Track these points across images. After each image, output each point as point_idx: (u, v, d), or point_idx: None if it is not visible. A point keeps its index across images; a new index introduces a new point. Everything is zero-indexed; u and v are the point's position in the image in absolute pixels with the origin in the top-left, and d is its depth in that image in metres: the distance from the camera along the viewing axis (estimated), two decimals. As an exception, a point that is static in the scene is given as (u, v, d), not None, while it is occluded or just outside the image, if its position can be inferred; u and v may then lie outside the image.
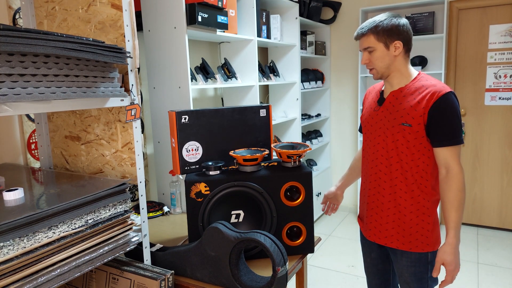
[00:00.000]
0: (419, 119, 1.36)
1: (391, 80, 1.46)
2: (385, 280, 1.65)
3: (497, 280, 2.70)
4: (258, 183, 1.41)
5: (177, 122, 1.47)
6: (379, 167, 1.48)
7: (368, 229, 1.56)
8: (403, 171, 1.42)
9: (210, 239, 1.29)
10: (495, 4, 3.32)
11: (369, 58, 1.43)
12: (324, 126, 4.17)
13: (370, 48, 1.41)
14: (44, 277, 1.00)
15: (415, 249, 1.44)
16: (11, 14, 1.58)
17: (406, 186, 1.43)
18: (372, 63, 1.43)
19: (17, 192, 1.09)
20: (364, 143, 1.58)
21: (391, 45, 1.39)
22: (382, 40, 1.39)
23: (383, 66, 1.42)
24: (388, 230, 1.48)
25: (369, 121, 1.52)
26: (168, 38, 2.05)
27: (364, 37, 1.42)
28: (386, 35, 1.38)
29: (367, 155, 1.54)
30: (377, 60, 1.42)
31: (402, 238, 1.46)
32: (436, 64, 3.57)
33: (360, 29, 1.43)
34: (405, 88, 1.42)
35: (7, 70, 0.91)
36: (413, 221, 1.44)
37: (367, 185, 1.55)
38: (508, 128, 3.45)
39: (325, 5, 3.89)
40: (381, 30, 1.38)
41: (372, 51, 1.41)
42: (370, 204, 1.54)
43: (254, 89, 2.69)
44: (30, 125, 1.65)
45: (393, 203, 1.46)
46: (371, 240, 1.57)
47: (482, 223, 3.67)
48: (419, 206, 1.43)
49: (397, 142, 1.41)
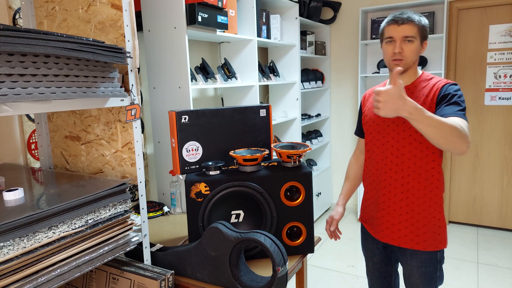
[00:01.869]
0: (429, 110, 1.35)
1: (401, 78, 1.45)
2: (387, 283, 1.64)
3: (497, 280, 2.70)
4: (258, 183, 1.41)
5: (177, 122, 1.47)
6: (389, 166, 1.46)
7: (380, 230, 1.52)
8: (417, 167, 1.41)
9: (210, 239, 1.29)
10: (495, 4, 3.32)
11: (404, 48, 1.38)
12: (324, 126, 4.17)
13: (411, 38, 1.36)
14: (44, 277, 1.00)
15: (429, 248, 1.43)
16: (11, 14, 1.58)
17: (419, 183, 1.41)
18: (405, 54, 1.38)
19: (17, 192, 1.09)
20: (368, 144, 1.54)
21: (423, 43, 1.41)
22: (421, 35, 1.39)
23: (413, 60, 1.40)
24: (401, 230, 1.46)
25: (375, 121, 1.50)
26: (168, 38, 2.05)
27: (410, 25, 1.36)
28: (425, 31, 1.40)
29: (374, 156, 1.51)
30: (412, 53, 1.38)
31: (416, 237, 1.44)
32: (436, 64, 3.57)
33: (405, 14, 1.37)
34: (412, 85, 1.43)
35: (7, 70, 0.91)
36: (426, 219, 1.43)
37: (374, 187, 1.53)
38: (508, 128, 3.44)
39: (325, 5, 3.89)
40: (423, 25, 1.39)
41: (411, 41, 1.37)
42: (380, 205, 1.51)
43: (254, 89, 2.69)
44: (30, 125, 1.65)
45: (406, 202, 1.44)
46: (383, 242, 1.54)
47: (482, 223, 3.67)
48: (431, 203, 1.42)
49: (409, 137, 1.40)
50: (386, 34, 1.41)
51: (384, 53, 1.44)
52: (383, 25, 1.44)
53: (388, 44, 1.41)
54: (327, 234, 1.73)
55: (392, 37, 1.38)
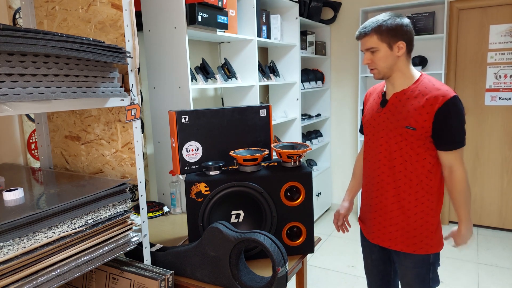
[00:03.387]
0: (423, 123, 1.34)
1: (393, 81, 1.43)
2: (386, 282, 1.65)
3: (497, 280, 2.70)
4: (258, 183, 1.41)
5: (177, 122, 1.47)
6: (381, 169, 1.47)
7: (372, 231, 1.54)
8: (408, 172, 1.41)
9: (210, 239, 1.29)
10: (495, 4, 3.32)
11: (372, 58, 1.40)
12: (324, 126, 4.16)
13: (373, 48, 1.38)
14: (44, 277, 1.00)
15: (419, 251, 1.43)
16: (11, 14, 1.58)
17: (410, 187, 1.41)
18: (374, 64, 1.40)
19: (17, 192, 1.09)
20: (366, 145, 1.56)
21: (394, 46, 1.36)
22: (385, 41, 1.36)
23: (386, 66, 1.39)
24: (392, 232, 1.47)
25: (371, 123, 1.50)
26: (168, 38, 2.05)
27: (367, 37, 1.38)
28: (390, 35, 1.35)
29: (369, 157, 1.53)
30: (380, 61, 1.38)
31: (406, 240, 1.45)
32: (436, 64, 3.57)
33: (362, 28, 1.39)
34: (408, 90, 1.40)
35: (7, 70, 0.91)
36: (417, 223, 1.43)
37: (369, 188, 1.54)
38: (508, 128, 3.44)
39: (325, 5, 3.89)
40: (384, 30, 1.35)
41: (375, 51, 1.38)
42: (373, 207, 1.52)
43: (254, 89, 2.69)
44: (30, 125, 1.65)
45: (397, 205, 1.44)
46: (374, 243, 1.56)
47: (482, 223, 3.66)
48: (424, 207, 1.42)
49: (400, 143, 1.40)
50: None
51: None
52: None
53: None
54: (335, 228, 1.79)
55: (362, 50, 1.44)
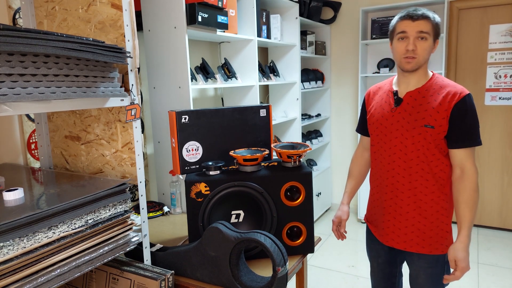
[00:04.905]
0: (441, 121, 1.32)
1: (412, 77, 1.38)
2: (391, 284, 1.64)
3: (497, 280, 2.70)
4: (258, 183, 1.40)
5: (177, 122, 1.47)
6: (396, 170, 1.43)
7: (385, 234, 1.51)
8: (424, 173, 1.38)
9: (210, 239, 1.29)
10: (496, 4, 3.32)
11: (418, 45, 1.32)
12: (324, 126, 4.16)
13: (426, 34, 1.31)
14: (44, 277, 1.00)
15: (435, 252, 1.42)
16: (11, 14, 1.58)
17: (426, 188, 1.39)
18: (418, 52, 1.32)
19: (17, 192, 1.09)
20: (375, 146, 1.51)
21: (436, 41, 1.36)
22: (434, 33, 1.33)
23: (425, 58, 1.34)
24: (407, 234, 1.44)
25: (382, 123, 1.45)
26: (168, 38, 2.05)
27: (424, 20, 1.30)
28: (438, 29, 1.35)
29: (381, 158, 1.48)
30: (424, 51, 1.32)
31: (422, 241, 1.43)
32: (436, 64, 3.57)
33: (419, 11, 1.31)
34: (422, 89, 1.37)
35: (7, 70, 0.91)
36: (433, 224, 1.41)
37: (381, 189, 1.50)
38: (508, 128, 3.44)
39: (325, 5, 3.89)
40: (437, 23, 1.34)
41: (424, 39, 1.31)
42: (386, 209, 1.48)
43: (254, 89, 2.69)
44: (30, 125, 1.65)
45: (413, 206, 1.42)
46: (388, 245, 1.52)
47: (482, 223, 3.66)
48: (439, 208, 1.40)
49: (418, 143, 1.37)
50: (398, 29, 1.34)
51: (395, 51, 1.37)
52: (395, 21, 1.37)
53: (400, 41, 1.34)
54: (334, 235, 1.69)
55: (405, 32, 1.32)
